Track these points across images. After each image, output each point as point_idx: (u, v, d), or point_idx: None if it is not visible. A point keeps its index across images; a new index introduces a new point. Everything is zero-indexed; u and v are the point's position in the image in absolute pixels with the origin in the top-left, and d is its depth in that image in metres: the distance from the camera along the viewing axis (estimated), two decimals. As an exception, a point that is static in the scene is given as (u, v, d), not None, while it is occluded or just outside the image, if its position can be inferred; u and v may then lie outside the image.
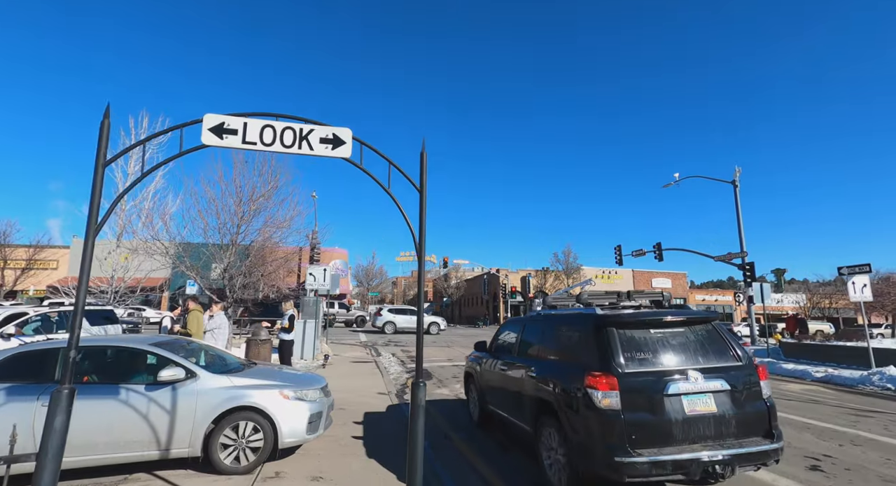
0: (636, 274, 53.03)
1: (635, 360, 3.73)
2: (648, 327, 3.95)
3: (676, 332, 3.97)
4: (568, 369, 4.07)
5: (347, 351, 15.94)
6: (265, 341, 9.71)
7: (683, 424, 3.51)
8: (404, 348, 17.84)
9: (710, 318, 4.15)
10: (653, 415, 3.51)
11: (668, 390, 3.55)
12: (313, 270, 13.54)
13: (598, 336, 3.90)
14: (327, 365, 11.59)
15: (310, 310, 13.25)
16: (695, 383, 3.60)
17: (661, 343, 3.86)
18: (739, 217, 20.90)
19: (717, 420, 3.57)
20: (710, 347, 3.92)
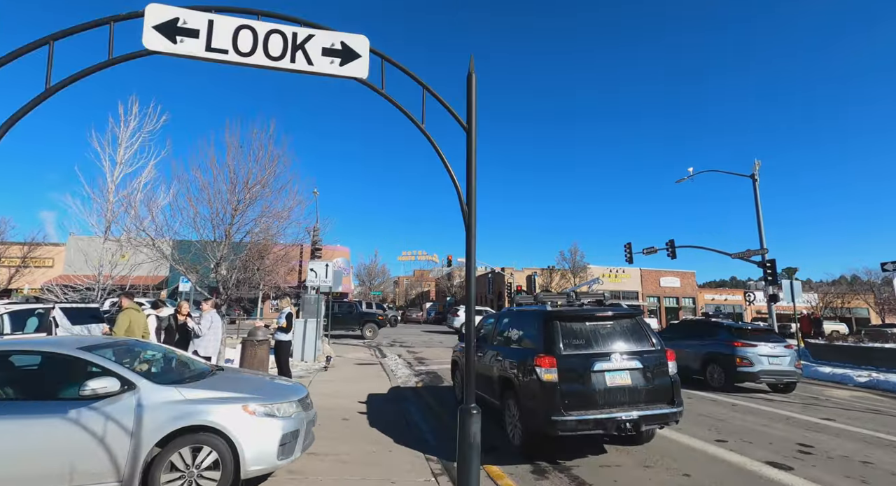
0: (644, 273, 54.06)
1: (572, 345, 5.05)
2: (584, 320, 5.27)
3: (606, 324, 5.29)
4: (524, 353, 5.40)
5: (350, 352, 15.63)
6: (262, 342, 9.01)
7: (605, 392, 4.82)
8: (410, 349, 17.67)
9: (634, 314, 5.48)
10: (582, 386, 4.82)
11: (594, 367, 4.86)
12: (315, 265, 13.18)
13: (546, 327, 5.22)
14: (329, 368, 11.16)
15: (311, 308, 13.03)
16: (615, 363, 4.91)
17: (592, 332, 5.18)
18: (759, 213, 20.37)
19: (631, 391, 4.88)
20: (631, 335, 5.23)
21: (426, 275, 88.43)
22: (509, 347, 6.01)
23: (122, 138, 12.93)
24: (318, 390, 7.91)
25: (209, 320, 7.49)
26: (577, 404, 4.77)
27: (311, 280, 13.01)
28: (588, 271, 47.18)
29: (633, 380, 4.93)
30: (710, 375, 9.93)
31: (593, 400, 4.80)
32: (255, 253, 13.03)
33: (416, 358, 14.88)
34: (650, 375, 5.00)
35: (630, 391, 4.89)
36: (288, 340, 8.80)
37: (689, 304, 54.21)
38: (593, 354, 4.99)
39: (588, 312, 5.40)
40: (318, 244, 17.75)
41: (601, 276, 43.68)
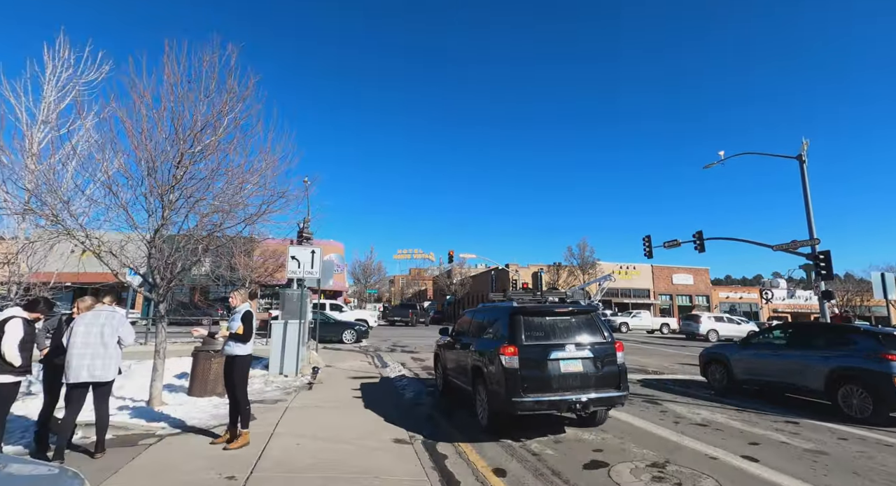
0: (656, 270, 55.27)
1: (532, 336, 6.29)
2: (545, 315, 6.51)
3: (565, 319, 6.53)
4: (491, 343, 6.66)
5: (344, 360, 14.44)
6: (220, 354, 7.15)
7: (559, 378, 6.06)
8: (415, 356, 16.61)
9: (591, 310, 6.71)
10: (539, 372, 6.06)
11: (550, 356, 6.10)
12: (296, 252, 11.29)
13: (511, 321, 6.46)
14: (315, 384, 9.57)
15: (292, 307, 11.20)
16: (569, 352, 6.15)
17: (551, 326, 6.42)
18: (808, 199, 18.67)
19: (582, 377, 6.11)
20: (586, 329, 6.47)
21: (423, 273, 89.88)
22: (481, 338, 7.26)
23: (49, 89, 9.99)
24: (292, 429, 6.23)
25: (79, 324, 5.23)
26: (534, 387, 6.01)
27: (292, 271, 11.17)
28: (598, 268, 48.39)
29: (584, 367, 6.16)
30: (844, 399, 7.87)
31: (549, 384, 6.04)
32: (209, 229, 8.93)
33: (423, 368, 13.64)
34: (600, 363, 6.23)
35: (582, 377, 6.12)
36: (246, 354, 5.75)
37: (702, 302, 55.48)
38: (551, 344, 6.22)
39: (549, 308, 6.64)
40: (307, 231, 16.43)
41: (612, 272, 44.79)
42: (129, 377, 8.55)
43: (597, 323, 6.64)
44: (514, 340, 6.25)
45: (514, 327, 6.37)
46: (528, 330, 6.35)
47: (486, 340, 7.06)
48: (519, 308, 6.61)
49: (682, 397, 9.56)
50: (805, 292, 57.97)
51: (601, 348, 6.34)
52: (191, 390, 8.12)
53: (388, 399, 8.68)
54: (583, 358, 6.21)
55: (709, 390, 10.36)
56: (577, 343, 6.27)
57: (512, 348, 6.15)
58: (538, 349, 6.18)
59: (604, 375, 6.24)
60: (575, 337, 6.37)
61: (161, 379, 7.20)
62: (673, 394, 9.88)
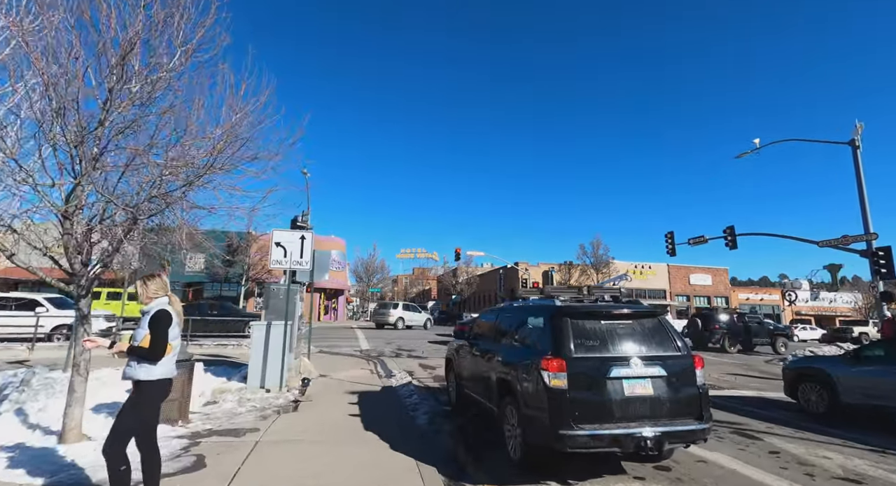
0: (672, 269, 53.68)
1: (584, 346, 4.78)
2: (599, 318, 4.99)
3: (624, 324, 5.01)
4: (527, 354, 5.16)
5: (342, 367, 12.81)
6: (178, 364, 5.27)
7: (623, 403, 4.54)
8: (423, 362, 14.94)
9: (657, 313, 5.19)
10: (596, 395, 4.55)
11: (610, 373, 4.58)
12: (282, 237, 9.35)
13: (553, 324, 4.95)
14: (303, 402, 8.08)
15: (277, 305, 9.65)
16: (635, 369, 4.62)
17: (608, 333, 4.90)
18: (862, 187, 17.20)
19: (653, 402, 4.59)
20: (653, 338, 4.95)
21: (426, 273, 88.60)
22: (509, 345, 5.80)
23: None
24: (256, 482, 4.51)
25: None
26: (589, 416, 4.50)
27: (276, 261, 9.38)
28: (612, 267, 46.78)
29: (655, 389, 4.64)
30: None
31: (609, 412, 4.52)
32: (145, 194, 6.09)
33: (434, 377, 11.85)
34: (675, 384, 4.71)
35: (652, 402, 4.60)
36: (156, 378, 3.75)
37: (721, 303, 53.78)
38: (609, 358, 4.71)
39: (604, 309, 5.12)
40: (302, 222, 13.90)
41: (626, 272, 43.25)
42: (57, 396, 6.82)
43: (667, 330, 5.11)
44: (560, 350, 4.73)
45: (560, 334, 4.85)
46: (579, 338, 4.84)
47: (517, 348, 5.57)
48: (565, 308, 5.09)
49: (776, 425, 7.68)
50: (829, 294, 56.27)
51: (676, 363, 4.82)
52: None
53: (393, 420, 7.13)
54: (653, 377, 4.68)
55: (801, 413, 8.49)
56: (644, 357, 4.75)
57: (557, 361, 4.63)
58: (593, 364, 4.66)
59: (680, 399, 4.71)
60: (640, 348, 4.85)
61: (81, 404, 5.41)
62: (759, 419, 8.01)
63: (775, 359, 19.21)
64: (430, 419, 7.40)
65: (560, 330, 4.87)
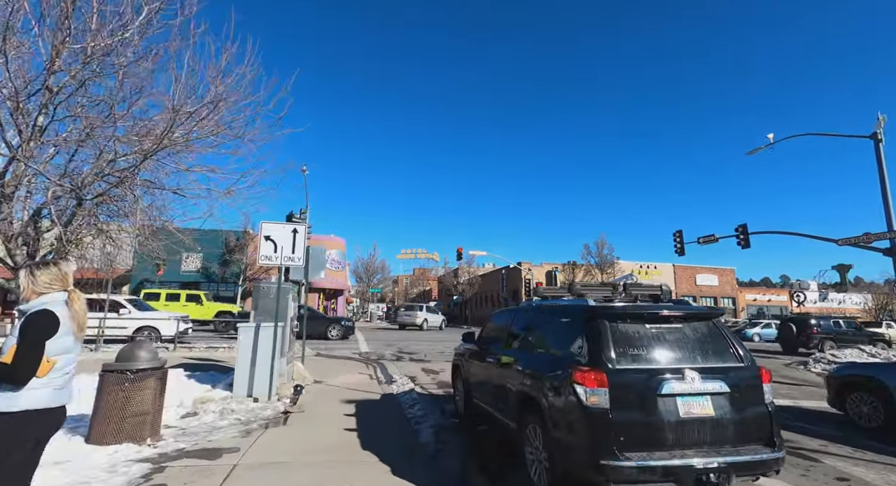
0: (678, 269, 52.81)
1: (627, 356, 3.93)
2: (643, 321, 4.14)
3: (673, 328, 4.16)
4: (555, 363, 4.32)
5: (339, 371, 11.99)
6: (147, 374, 5.63)
7: (677, 427, 3.70)
8: (427, 366, 14.07)
9: (711, 315, 4.35)
10: (644, 416, 3.71)
11: (661, 389, 3.74)
12: (272, 230, 8.53)
13: (589, 329, 4.11)
14: (293, 414, 7.29)
15: (267, 305, 8.92)
16: (691, 384, 3.78)
17: (656, 339, 4.05)
18: (885, 182, 16.45)
19: (713, 424, 3.75)
20: (709, 345, 4.11)
21: (427, 273, 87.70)
22: (531, 352, 4.97)
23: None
24: None
25: None
26: (637, 442, 3.66)
27: (265, 255, 8.53)
28: (617, 267, 45.92)
29: (716, 409, 3.80)
30: None
31: (661, 438, 3.69)
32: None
33: (439, 384, 11.01)
34: (740, 402, 3.87)
35: (713, 426, 3.76)
36: (22, 411, 2.48)
37: (728, 304, 52.92)
38: (659, 369, 3.87)
39: (649, 310, 4.26)
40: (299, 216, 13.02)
41: (631, 272, 42.38)
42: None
43: (724, 335, 4.27)
44: (599, 360, 3.89)
45: (598, 340, 4.01)
46: (621, 345, 4.00)
47: (542, 356, 4.73)
48: (601, 309, 4.25)
49: (830, 442, 6.70)
50: (838, 295, 55.36)
51: (738, 376, 3.98)
52: (90, 435, 5.43)
53: (394, 436, 6.27)
54: (713, 394, 3.84)
55: (852, 428, 7.53)
56: (700, 368, 3.91)
57: (596, 374, 3.80)
58: (640, 378, 3.83)
59: (746, 421, 3.87)
60: (695, 358, 4.02)
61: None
62: (808, 435, 7.04)
63: (794, 362, 18.35)
64: (436, 435, 6.53)
65: (597, 336, 4.03)
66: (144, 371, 5.71)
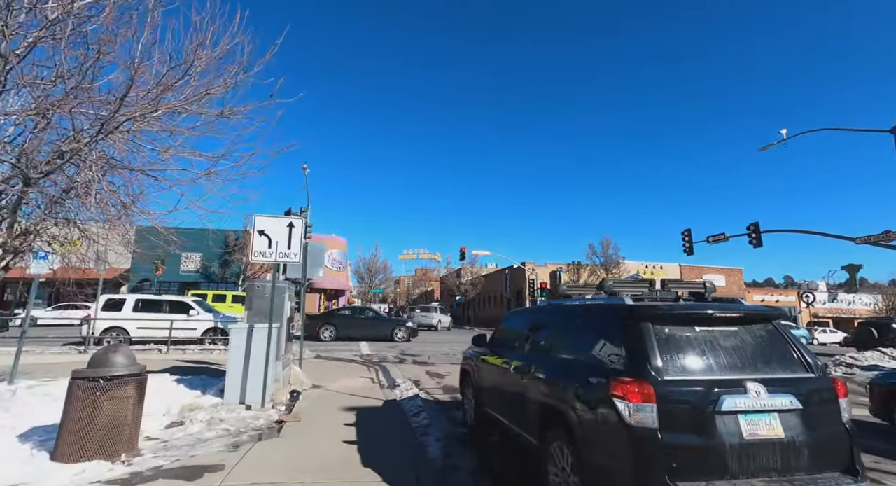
0: (684, 269, 52.09)
1: (676, 364, 3.32)
2: (693, 323, 3.53)
3: (728, 331, 3.54)
4: (586, 372, 3.72)
5: (339, 375, 11.36)
6: (124, 381, 5.06)
7: (741, 451, 3.08)
8: (431, 369, 13.44)
9: (771, 315, 3.72)
10: (701, 438, 3.09)
11: (721, 405, 3.12)
12: (266, 224, 7.92)
13: (629, 332, 3.50)
14: (289, 423, 6.69)
15: (261, 305, 8.27)
16: (756, 399, 3.16)
17: (709, 345, 3.44)
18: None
19: (784, 448, 3.13)
20: (771, 352, 3.50)
21: (429, 274, 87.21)
22: (555, 359, 4.35)
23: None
24: None
25: None
26: (693, 469, 3.05)
27: (258, 251, 7.89)
28: (622, 267, 45.23)
29: (787, 430, 3.17)
30: None
31: (721, 464, 3.07)
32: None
33: (444, 388, 10.50)
34: (813, 421, 3.25)
35: (783, 450, 3.14)
36: None
37: (736, 306, 52.18)
38: (716, 381, 3.25)
39: (700, 310, 3.64)
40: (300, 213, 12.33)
41: (637, 271, 41.68)
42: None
43: (787, 340, 3.65)
44: (643, 369, 3.28)
45: (641, 345, 3.40)
46: (667, 351, 3.38)
47: (569, 363, 4.12)
48: (643, 309, 3.63)
49: (883, 458, 5.99)
50: (848, 296, 54.54)
51: (810, 389, 3.36)
52: (56, 450, 4.78)
53: (398, 449, 5.66)
54: (781, 411, 3.22)
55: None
56: (764, 380, 3.29)
57: (641, 385, 3.19)
58: (694, 391, 3.21)
59: (822, 444, 3.25)
60: (756, 368, 3.40)
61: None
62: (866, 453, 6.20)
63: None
64: (444, 448, 5.91)
65: (640, 340, 3.42)
66: (120, 378, 5.08)
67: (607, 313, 3.88)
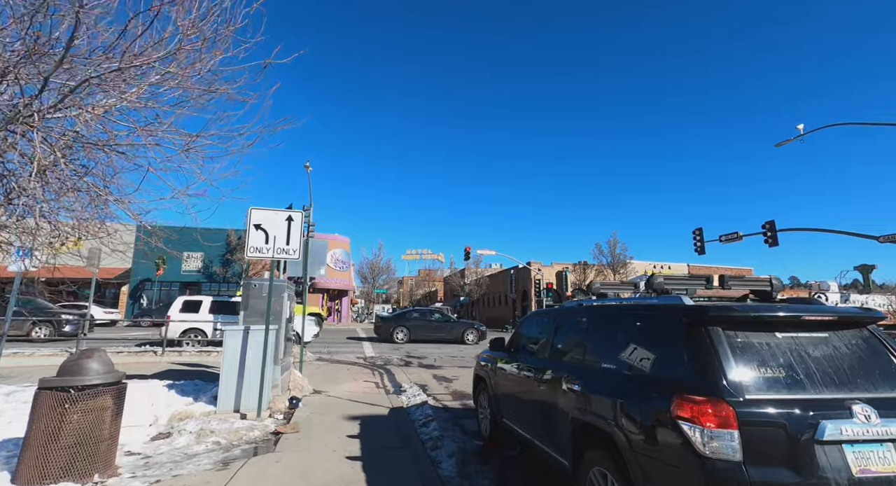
0: (692, 269, 51.30)
1: (759, 380, 2.68)
2: (774, 328, 2.88)
3: (817, 338, 2.90)
4: (637, 386, 3.09)
5: (342, 379, 10.78)
6: (97, 392, 4.43)
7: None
8: (438, 373, 12.90)
9: (865, 319, 3.05)
10: (798, 475, 2.44)
11: (822, 433, 2.48)
12: (262, 218, 7.26)
13: (695, 339, 2.86)
14: (287, 434, 6.06)
15: (258, 305, 7.79)
16: (866, 425, 2.52)
17: (796, 355, 2.79)
18: None
19: (903, 487, 2.49)
20: (874, 365, 2.84)
21: (432, 274, 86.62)
22: (594, 368, 3.72)
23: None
24: None
25: None
26: (786, 514, 2.41)
27: (254, 247, 7.17)
28: (630, 267, 44.49)
29: (904, 461, 2.53)
30: None
31: (824, 507, 2.43)
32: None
33: (453, 394, 9.88)
34: (937, 451, 2.60)
35: (903, 489, 2.50)
36: None
37: (746, 307, 51.40)
38: (812, 402, 2.61)
39: (783, 311, 2.97)
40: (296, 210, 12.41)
41: (644, 272, 40.95)
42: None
43: (889, 348, 2.99)
44: (717, 385, 2.64)
45: (712, 355, 2.75)
46: (745, 363, 2.74)
47: (613, 374, 3.46)
48: (712, 310, 2.96)
49: None
50: (861, 297, 53.51)
51: (928, 411, 2.71)
52: (18, 472, 4.11)
53: (408, 468, 5.00)
54: None
55: None
56: (873, 400, 2.64)
57: (716, 405, 2.55)
58: (785, 415, 2.56)
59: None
60: (857, 384, 2.74)
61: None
62: None
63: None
64: (459, 464, 5.30)
65: (711, 349, 2.78)
66: (94, 388, 4.45)
67: (663, 316, 3.22)
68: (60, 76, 3.29)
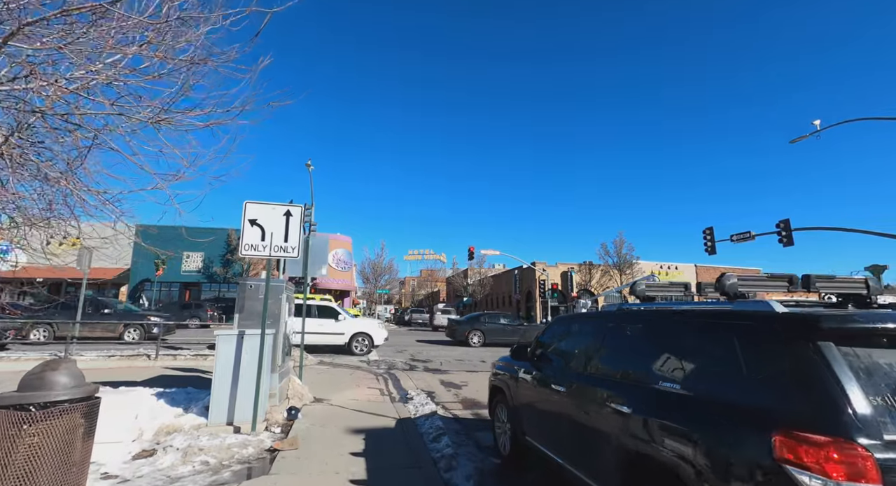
0: (700, 270, 50.62)
1: (893, 413, 2.04)
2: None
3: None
4: (716, 414, 2.46)
5: (344, 385, 10.15)
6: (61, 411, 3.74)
7: None
8: (445, 378, 12.34)
9: None
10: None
11: None
12: (258, 213, 6.66)
13: (802, 358, 2.22)
14: (284, 451, 5.45)
15: (253, 307, 7.20)
16: None
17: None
18: None
19: None
20: None
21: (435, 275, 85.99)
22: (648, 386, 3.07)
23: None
24: None
25: None
26: None
27: (249, 244, 6.61)
28: (636, 267, 43.79)
29: None
30: None
31: None
32: None
33: (462, 401, 9.41)
34: None
35: None
36: None
37: (754, 308, 50.66)
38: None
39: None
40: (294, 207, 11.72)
41: (651, 272, 40.29)
42: None
43: None
44: (842, 422, 2.00)
45: (832, 381, 2.10)
46: (874, 391, 2.10)
47: (675, 396, 2.82)
48: (824, 320, 2.30)
49: None
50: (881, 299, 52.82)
51: None
52: None
53: None
54: None
55: None
56: None
57: (844, 450, 1.92)
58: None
59: None
60: None
61: None
62: None
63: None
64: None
65: (825, 371, 2.13)
66: (59, 405, 3.80)
67: (749, 326, 2.57)
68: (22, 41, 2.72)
